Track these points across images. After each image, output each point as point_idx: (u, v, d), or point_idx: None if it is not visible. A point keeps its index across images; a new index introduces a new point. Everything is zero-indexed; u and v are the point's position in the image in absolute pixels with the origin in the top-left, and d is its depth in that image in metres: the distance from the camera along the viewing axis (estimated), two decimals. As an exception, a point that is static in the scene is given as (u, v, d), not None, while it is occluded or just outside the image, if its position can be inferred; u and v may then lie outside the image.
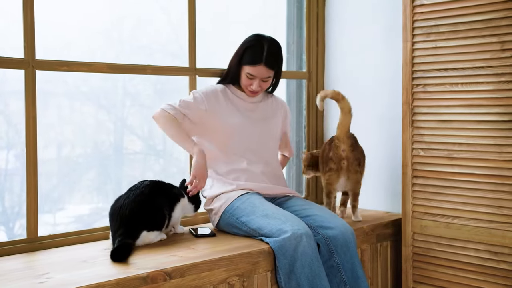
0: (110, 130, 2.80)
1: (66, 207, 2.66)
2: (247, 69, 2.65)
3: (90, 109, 2.72)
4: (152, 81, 2.86)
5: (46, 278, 1.89)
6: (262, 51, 2.63)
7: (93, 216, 2.74)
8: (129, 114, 2.86)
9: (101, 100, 2.74)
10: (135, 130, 2.89)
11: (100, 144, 2.75)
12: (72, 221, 2.67)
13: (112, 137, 2.80)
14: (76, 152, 2.68)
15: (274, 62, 2.67)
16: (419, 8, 2.68)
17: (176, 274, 2.01)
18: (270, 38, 2.71)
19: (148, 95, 2.91)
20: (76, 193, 2.71)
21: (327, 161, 2.84)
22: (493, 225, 2.52)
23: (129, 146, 2.88)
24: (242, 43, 2.71)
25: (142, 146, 2.95)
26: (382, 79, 3.16)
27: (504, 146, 2.46)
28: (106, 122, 2.78)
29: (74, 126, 2.67)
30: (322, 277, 2.30)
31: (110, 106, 2.77)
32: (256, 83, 2.67)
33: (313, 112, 3.43)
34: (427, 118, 2.69)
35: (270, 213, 2.43)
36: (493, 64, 2.47)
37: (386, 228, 2.91)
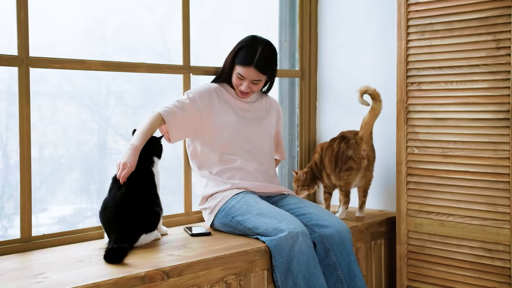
0: (94, 130, 2.77)
1: (49, 208, 2.62)
2: (238, 69, 2.64)
3: (73, 108, 2.68)
4: (136, 81, 2.83)
5: (43, 278, 1.87)
6: (255, 53, 2.61)
7: (77, 217, 2.71)
8: (113, 114, 2.83)
9: (84, 100, 2.71)
10: (119, 130, 2.86)
11: (84, 144, 2.72)
12: (55, 222, 2.63)
13: (96, 137, 2.77)
14: (59, 152, 2.65)
15: (265, 66, 2.64)
16: (413, 6, 2.69)
17: (173, 273, 2.00)
18: (266, 42, 2.68)
19: (132, 95, 2.89)
20: (59, 194, 2.67)
21: (345, 161, 2.84)
22: (488, 222, 2.53)
23: (113, 146, 2.85)
24: (238, 42, 2.69)
25: (126, 146, 2.91)
26: (376, 77, 3.15)
27: (499, 144, 2.47)
28: (90, 122, 2.75)
29: (57, 126, 2.63)
30: (319, 276, 2.29)
31: (94, 106, 2.74)
32: (246, 84, 2.65)
33: (305, 111, 3.42)
34: (421, 116, 2.70)
35: (266, 212, 2.42)
36: (488, 62, 2.48)
37: (380, 226, 2.91)
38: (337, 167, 2.88)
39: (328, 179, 2.97)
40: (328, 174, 2.96)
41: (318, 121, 3.45)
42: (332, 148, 2.91)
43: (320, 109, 3.44)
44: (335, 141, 2.92)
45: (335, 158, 2.89)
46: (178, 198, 2.84)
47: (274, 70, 2.74)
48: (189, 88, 2.79)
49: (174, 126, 2.52)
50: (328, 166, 2.93)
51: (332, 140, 2.97)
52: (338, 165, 2.87)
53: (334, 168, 2.90)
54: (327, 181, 2.99)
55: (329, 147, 2.94)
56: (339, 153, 2.87)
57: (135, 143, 2.37)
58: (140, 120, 2.50)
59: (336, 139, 2.94)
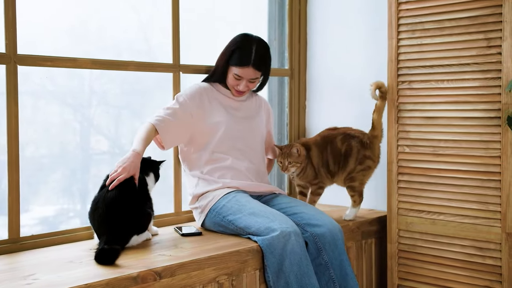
0: (77, 130, 2.73)
1: (31, 209, 2.58)
2: (235, 70, 2.62)
3: (56, 108, 2.64)
4: (120, 80, 2.80)
5: (33, 279, 1.84)
6: (251, 53, 2.61)
7: (59, 218, 2.67)
8: (96, 114, 2.80)
9: (67, 99, 2.67)
10: (102, 130, 2.82)
11: (66, 144, 2.68)
12: (37, 222, 2.59)
13: (78, 137, 2.74)
14: (41, 152, 2.60)
15: (262, 63, 2.65)
16: (404, 5, 2.69)
17: (166, 274, 1.98)
18: (258, 39, 2.68)
19: (115, 95, 2.86)
20: (41, 194, 2.63)
21: (362, 160, 2.80)
22: (479, 221, 2.53)
23: (96, 146, 2.82)
24: (230, 43, 2.68)
25: (109, 146, 2.88)
26: (366, 76, 3.15)
27: (490, 142, 2.48)
28: (72, 122, 2.71)
29: (39, 126, 2.59)
30: (311, 275, 2.28)
31: (77, 105, 2.70)
32: (243, 84, 2.65)
33: (295, 109, 3.41)
34: (412, 115, 2.70)
35: (257, 211, 2.41)
36: (479, 61, 2.49)
37: (371, 225, 2.91)
38: (347, 167, 2.82)
39: (328, 178, 2.88)
40: (332, 173, 2.85)
41: (307, 120, 3.44)
42: (337, 147, 2.82)
43: (309, 108, 3.43)
44: (337, 139, 2.83)
45: (344, 157, 2.81)
46: (168, 197, 2.82)
47: (269, 66, 2.74)
48: (179, 86, 2.77)
49: (167, 135, 2.51)
50: (334, 165, 2.83)
51: (329, 138, 2.85)
52: (350, 164, 2.81)
53: (343, 167, 2.82)
54: (326, 180, 2.88)
55: (330, 145, 2.83)
56: (350, 151, 2.80)
57: (137, 148, 2.35)
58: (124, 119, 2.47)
59: (336, 137, 2.84)
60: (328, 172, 2.86)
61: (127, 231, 2.22)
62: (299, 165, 2.77)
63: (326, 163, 2.85)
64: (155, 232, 2.49)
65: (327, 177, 2.87)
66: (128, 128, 2.90)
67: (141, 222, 2.28)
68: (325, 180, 2.88)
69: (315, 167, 2.84)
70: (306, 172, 2.83)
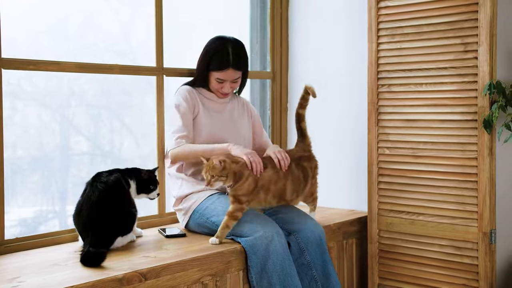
0: (56, 131, 2.73)
1: (9, 211, 2.58)
2: (216, 74, 2.66)
3: (34, 109, 2.64)
4: (99, 81, 2.80)
5: (18, 282, 1.85)
6: (228, 55, 2.64)
7: (38, 219, 2.66)
8: (75, 114, 2.80)
9: (45, 100, 2.67)
10: (81, 130, 2.83)
11: (45, 145, 2.68)
12: (15, 224, 2.59)
13: (57, 137, 2.74)
14: (18, 153, 2.60)
15: (240, 63, 2.69)
16: (384, 10, 2.74)
17: (151, 275, 2.00)
18: (233, 40, 2.72)
19: (94, 95, 2.86)
20: (19, 196, 2.62)
21: (314, 173, 2.71)
22: (457, 221, 2.59)
23: (75, 147, 2.82)
24: (206, 48, 2.71)
25: (88, 146, 2.89)
26: (347, 79, 3.20)
27: (467, 144, 2.54)
28: (51, 123, 2.71)
29: (17, 127, 2.58)
30: (294, 275, 2.32)
31: (56, 106, 2.70)
32: (227, 86, 2.69)
33: (277, 112, 3.45)
34: (392, 118, 2.75)
35: (241, 212, 2.44)
36: (456, 65, 2.55)
37: (352, 225, 2.96)
38: (306, 188, 2.64)
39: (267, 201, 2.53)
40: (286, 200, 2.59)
41: (289, 122, 3.48)
42: (294, 174, 2.58)
43: (291, 111, 3.47)
44: (292, 167, 2.57)
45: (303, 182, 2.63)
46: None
47: (247, 63, 2.78)
48: (162, 89, 2.79)
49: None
50: (292, 194, 2.59)
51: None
52: (308, 185, 2.64)
53: (302, 191, 2.63)
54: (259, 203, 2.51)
55: (291, 174, 2.56)
56: (306, 174, 2.64)
57: (224, 147, 2.52)
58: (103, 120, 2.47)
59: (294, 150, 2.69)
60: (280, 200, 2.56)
61: (112, 233, 2.24)
62: (225, 179, 2.36)
63: (283, 192, 2.54)
64: (139, 233, 2.51)
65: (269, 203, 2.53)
66: (107, 128, 2.91)
67: (125, 224, 2.30)
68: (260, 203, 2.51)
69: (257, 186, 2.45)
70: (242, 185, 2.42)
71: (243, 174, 2.40)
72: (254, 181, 2.42)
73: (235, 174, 2.38)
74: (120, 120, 2.92)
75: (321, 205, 3.29)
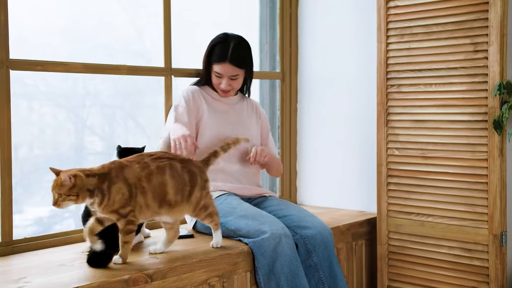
0: (71, 130, 2.75)
1: (25, 210, 2.60)
2: (215, 67, 2.66)
3: (49, 109, 2.67)
4: (114, 81, 2.82)
5: (24, 283, 1.86)
6: (228, 48, 2.64)
7: (53, 218, 2.68)
8: (90, 114, 2.82)
9: (61, 100, 2.69)
10: (95, 130, 2.84)
11: (61, 144, 2.70)
12: (30, 223, 2.61)
13: (72, 137, 2.75)
14: (35, 153, 2.62)
15: (240, 60, 2.66)
16: (393, 10, 2.72)
17: (157, 276, 2.00)
18: (237, 36, 2.71)
19: (108, 95, 2.87)
20: (35, 195, 2.65)
21: (204, 185, 2.23)
22: (466, 222, 2.57)
23: (90, 146, 2.84)
24: (210, 41, 2.72)
25: (103, 146, 2.90)
26: (356, 79, 3.19)
27: (477, 145, 2.51)
28: (66, 123, 2.73)
29: (33, 127, 2.61)
30: (301, 277, 2.31)
31: (71, 106, 2.72)
32: (225, 82, 2.67)
33: (286, 112, 3.44)
34: (401, 118, 2.73)
35: (248, 213, 2.43)
36: (466, 65, 2.52)
37: (361, 227, 2.94)
38: (197, 183, 2.18)
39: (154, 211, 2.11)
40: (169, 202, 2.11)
41: (299, 123, 3.47)
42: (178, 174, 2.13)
43: (301, 111, 3.46)
44: (174, 161, 2.14)
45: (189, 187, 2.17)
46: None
47: (250, 64, 2.76)
48: (171, 90, 2.79)
49: None
50: (176, 195, 2.12)
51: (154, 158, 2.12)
52: (198, 181, 2.19)
53: (188, 193, 2.16)
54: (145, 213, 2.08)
55: (170, 170, 2.11)
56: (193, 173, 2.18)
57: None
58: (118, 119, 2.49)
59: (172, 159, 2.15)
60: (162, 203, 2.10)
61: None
62: (75, 198, 1.92)
63: (164, 189, 2.10)
64: (147, 234, 2.52)
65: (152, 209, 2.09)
66: (122, 128, 2.92)
67: None
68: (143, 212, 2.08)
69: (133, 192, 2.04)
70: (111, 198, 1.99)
71: (112, 183, 1.97)
72: (125, 185, 2.00)
73: (90, 192, 1.94)
74: (134, 120, 2.93)
75: (330, 206, 3.30)
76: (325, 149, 3.35)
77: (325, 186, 3.35)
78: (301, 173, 3.46)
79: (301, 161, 3.46)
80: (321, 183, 3.36)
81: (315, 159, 3.39)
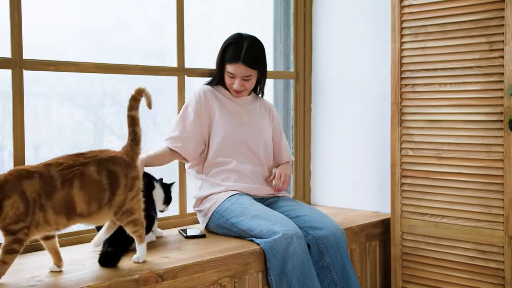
0: (90, 130, 2.76)
1: None
2: (228, 67, 2.66)
3: (68, 109, 2.68)
4: (132, 80, 2.82)
5: (36, 281, 1.87)
6: (241, 49, 2.63)
7: None
8: (109, 114, 2.83)
9: (79, 100, 2.71)
10: (114, 130, 2.86)
11: (80, 144, 2.71)
12: None
13: (91, 137, 2.77)
14: (54, 153, 2.64)
15: (253, 61, 2.65)
16: (407, 9, 2.69)
17: (168, 276, 2.00)
18: (251, 37, 2.70)
19: (127, 95, 2.88)
20: None
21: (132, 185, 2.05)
22: (481, 224, 2.53)
23: (109, 146, 2.85)
24: (223, 42, 2.71)
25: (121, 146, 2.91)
26: (370, 79, 3.16)
27: (492, 145, 2.48)
28: (85, 122, 2.74)
29: (52, 127, 2.63)
30: (313, 278, 2.30)
31: (89, 106, 2.74)
32: (238, 82, 2.66)
33: (300, 112, 3.42)
34: (416, 118, 2.71)
35: (260, 214, 2.42)
36: (482, 64, 2.49)
37: (375, 227, 2.91)
38: (114, 200, 1.99)
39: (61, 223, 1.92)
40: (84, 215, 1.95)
41: (313, 123, 3.46)
42: (92, 179, 1.95)
43: (314, 111, 3.44)
44: (90, 170, 1.96)
45: (109, 190, 1.99)
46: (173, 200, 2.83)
47: (263, 65, 2.75)
48: (184, 90, 2.80)
49: (187, 152, 2.62)
50: (90, 205, 1.94)
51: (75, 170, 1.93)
52: (118, 196, 2.00)
53: (108, 203, 1.98)
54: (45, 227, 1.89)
55: (80, 179, 1.93)
56: (116, 180, 2.00)
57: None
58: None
59: (87, 167, 1.96)
60: (71, 216, 1.93)
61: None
62: None
63: (71, 204, 1.91)
64: (159, 234, 2.52)
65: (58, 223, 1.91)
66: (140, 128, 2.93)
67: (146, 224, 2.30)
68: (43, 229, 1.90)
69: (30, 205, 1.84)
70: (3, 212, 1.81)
71: (5, 197, 1.79)
72: (21, 199, 1.81)
73: None
74: (153, 120, 2.94)
75: (344, 206, 3.28)
76: (339, 149, 3.33)
77: (339, 186, 3.33)
78: (315, 173, 3.45)
79: (315, 161, 3.44)
80: (335, 184, 3.35)
81: (329, 159, 3.38)
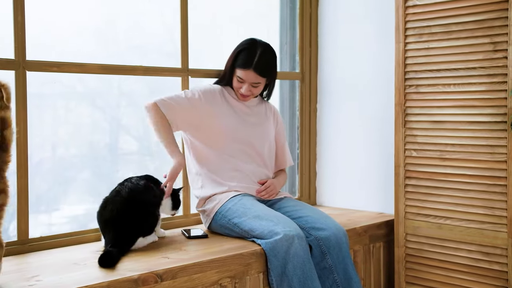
0: (106, 130, 2.79)
1: (61, 208, 2.65)
2: (238, 72, 2.65)
3: (85, 109, 2.71)
4: (147, 81, 2.85)
5: (36, 281, 1.88)
6: (254, 56, 2.62)
7: (88, 217, 2.71)
8: (124, 114, 2.85)
9: (96, 100, 2.73)
10: (130, 130, 2.88)
11: (96, 144, 2.74)
12: (67, 221, 2.66)
13: (107, 137, 2.79)
14: (71, 152, 2.67)
15: (264, 69, 2.65)
16: (411, 9, 2.68)
17: (167, 276, 2.00)
18: (265, 44, 2.69)
19: (143, 95, 2.90)
20: (71, 194, 2.70)
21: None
22: (485, 225, 2.52)
23: (124, 146, 2.87)
24: (237, 45, 2.71)
25: (137, 146, 2.93)
26: (375, 79, 3.15)
27: (496, 146, 2.46)
28: (101, 122, 2.77)
29: (69, 126, 2.66)
30: (314, 279, 2.29)
31: (105, 106, 2.76)
32: (246, 87, 2.66)
33: (306, 113, 3.42)
34: (419, 119, 2.69)
35: (262, 214, 2.42)
36: (486, 65, 2.47)
37: (378, 229, 2.90)
38: None
39: None
40: None
41: (318, 123, 3.45)
42: None
43: (320, 111, 3.44)
44: None
45: None
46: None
47: (273, 73, 2.74)
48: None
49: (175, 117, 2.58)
50: None
51: None
52: None
53: None
54: None
55: None
56: None
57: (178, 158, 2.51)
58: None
59: None
60: None
61: (133, 233, 2.25)
62: None
63: None
64: (162, 234, 2.53)
65: None
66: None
67: (147, 225, 2.32)
68: None
69: None
70: None
71: None
72: None
73: None
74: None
75: (349, 207, 3.27)
76: (344, 149, 3.32)
77: (344, 187, 3.32)
78: (320, 174, 3.44)
79: (321, 162, 3.44)
80: (340, 184, 3.34)
81: (334, 160, 3.37)
